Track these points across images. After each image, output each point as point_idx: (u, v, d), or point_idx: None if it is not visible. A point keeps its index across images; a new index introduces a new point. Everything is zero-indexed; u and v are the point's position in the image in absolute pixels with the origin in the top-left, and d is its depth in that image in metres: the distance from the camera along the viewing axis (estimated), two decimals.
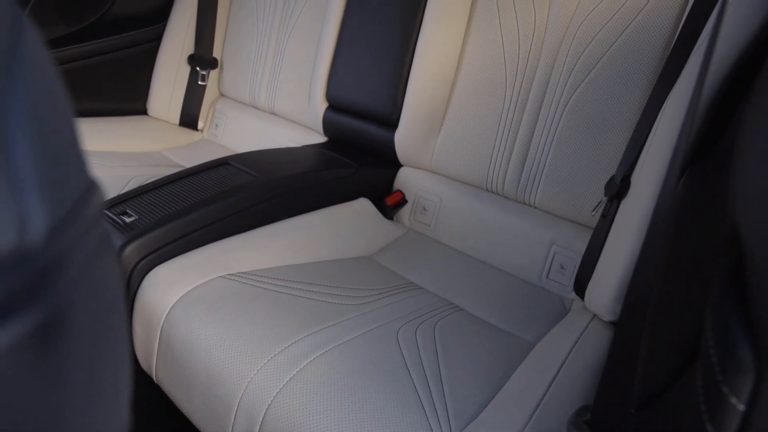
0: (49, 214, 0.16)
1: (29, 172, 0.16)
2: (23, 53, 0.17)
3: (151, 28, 1.74)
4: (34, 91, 0.17)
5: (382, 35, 1.29)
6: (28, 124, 0.16)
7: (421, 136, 1.27)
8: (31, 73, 0.17)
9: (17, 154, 0.16)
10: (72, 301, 0.17)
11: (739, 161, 0.29)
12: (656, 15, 1.01)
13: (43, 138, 0.17)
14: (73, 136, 0.19)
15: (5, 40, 0.16)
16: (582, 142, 1.09)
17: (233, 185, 1.07)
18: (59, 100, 0.19)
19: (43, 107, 0.17)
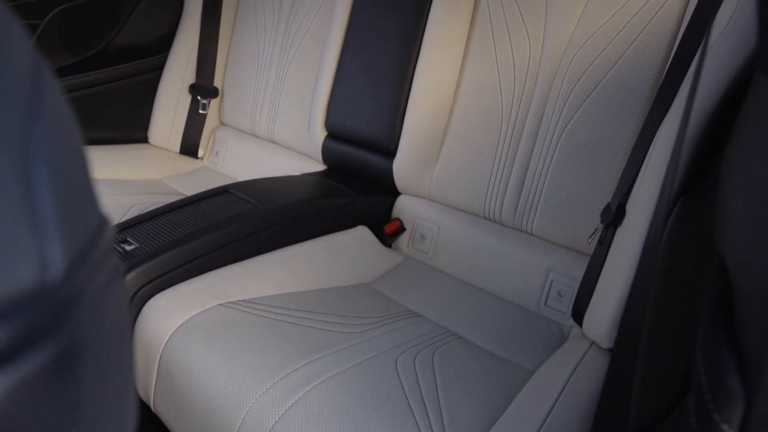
0: (67, 251, 0.17)
1: (49, 213, 0.17)
2: (44, 97, 0.18)
3: (154, 57, 1.77)
4: (53, 133, 0.18)
5: (380, 65, 1.31)
6: (48, 165, 0.17)
7: (419, 164, 1.28)
8: (51, 116, 0.18)
9: (39, 195, 0.16)
10: (85, 333, 0.18)
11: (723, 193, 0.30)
12: (647, 47, 1.03)
13: (62, 178, 0.18)
14: (87, 174, 0.20)
15: (28, 85, 0.17)
16: (578, 170, 1.10)
17: (233, 213, 1.08)
18: (75, 139, 0.20)
19: (62, 148, 0.18)
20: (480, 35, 1.22)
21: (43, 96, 0.18)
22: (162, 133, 1.78)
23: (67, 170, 0.18)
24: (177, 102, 1.77)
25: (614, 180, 1.06)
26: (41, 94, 0.18)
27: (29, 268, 0.16)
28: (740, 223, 0.28)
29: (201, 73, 1.75)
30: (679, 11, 1.00)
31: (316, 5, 1.52)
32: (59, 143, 0.18)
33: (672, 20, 1.01)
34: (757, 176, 0.27)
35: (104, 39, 1.71)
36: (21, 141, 0.16)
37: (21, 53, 0.18)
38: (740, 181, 0.28)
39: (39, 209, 0.16)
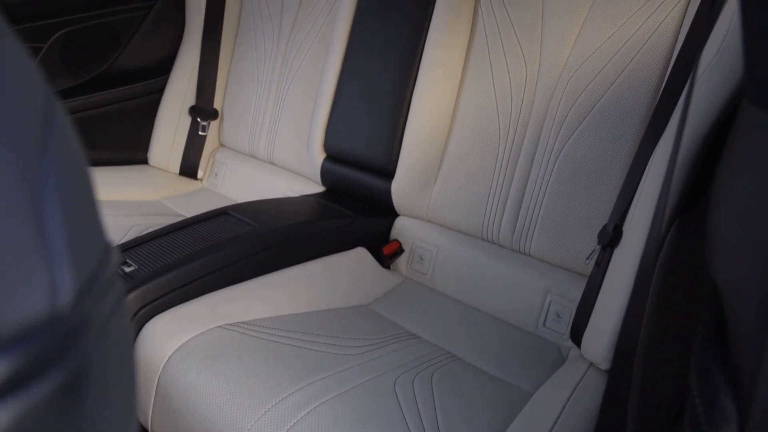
0: (76, 280, 0.18)
1: (60, 242, 0.17)
2: (54, 130, 0.19)
3: (155, 80, 1.79)
4: (63, 164, 0.19)
5: (379, 87, 1.33)
6: (59, 196, 0.18)
7: (417, 185, 1.29)
8: (61, 148, 0.19)
9: (50, 226, 0.17)
10: (91, 360, 0.18)
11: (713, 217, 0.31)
12: (642, 70, 1.05)
13: (72, 209, 0.18)
14: (94, 202, 0.21)
15: (40, 118, 0.18)
16: (574, 191, 1.11)
17: (232, 235, 1.09)
18: (83, 169, 0.20)
19: (71, 179, 0.19)
20: (477, 57, 1.24)
21: (54, 129, 0.19)
22: (162, 155, 1.79)
23: (76, 200, 0.19)
24: (177, 123, 1.78)
25: (611, 201, 1.07)
26: (52, 127, 0.19)
27: (41, 296, 0.16)
28: (730, 247, 0.29)
29: (201, 95, 1.77)
30: (673, 35, 1.02)
31: (316, 27, 1.54)
32: (68, 174, 0.19)
33: (665, 44, 1.03)
34: (746, 201, 0.28)
35: (106, 61, 1.73)
36: (33, 173, 0.17)
37: (33, 88, 0.18)
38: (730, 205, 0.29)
39: (50, 239, 0.17)
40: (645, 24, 1.04)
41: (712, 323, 0.33)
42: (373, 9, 1.36)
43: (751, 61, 0.28)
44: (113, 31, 1.73)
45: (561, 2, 1.13)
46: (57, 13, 1.61)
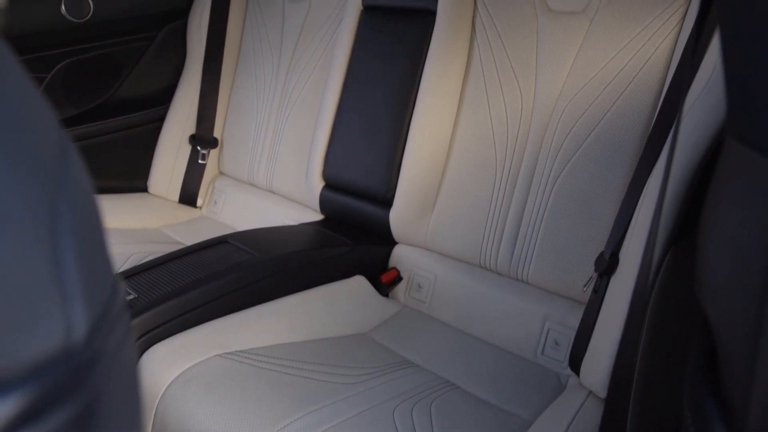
0: (89, 315, 0.18)
1: (74, 280, 0.18)
2: (69, 172, 0.20)
3: (156, 109, 1.81)
4: (77, 205, 0.20)
5: (377, 116, 1.35)
6: (73, 235, 0.19)
7: (415, 214, 1.30)
8: (75, 188, 0.20)
9: (65, 264, 0.18)
10: (101, 392, 0.19)
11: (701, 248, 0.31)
12: (634, 100, 1.07)
13: (84, 247, 0.19)
14: (104, 239, 0.22)
15: (55, 160, 0.19)
16: (571, 219, 1.12)
17: (231, 263, 1.09)
18: (94, 208, 0.21)
19: (84, 218, 0.20)
20: (473, 86, 1.26)
21: (68, 171, 0.20)
22: (161, 183, 1.81)
23: (89, 238, 0.20)
24: (177, 152, 1.80)
25: (607, 228, 1.08)
26: (66, 169, 0.20)
27: (56, 332, 0.17)
28: (718, 280, 0.29)
29: (201, 123, 1.79)
30: (664, 66, 1.04)
31: (315, 57, 1.57)
32: (82, 214, 0.20)
33: (657, 74, 1.05)
34: (731, 234, 0.29)
35: (107, 91, 1.76)
36: (49, 214, 0.18)
37: (49, 132, 0.19)
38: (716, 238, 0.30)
39: (65, 278, 0.18)
40: (636, 55, 1.07)
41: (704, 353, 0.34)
42: (371, 39, 1.39)
43: (732, 99, 0.29)
44: (115, 61, 1.76)
45: (554, 34, 1.16)
46: (60, 44, 1.64)
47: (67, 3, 1.60)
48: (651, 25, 1.06)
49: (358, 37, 1.41)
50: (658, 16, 1.05)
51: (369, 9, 1.41)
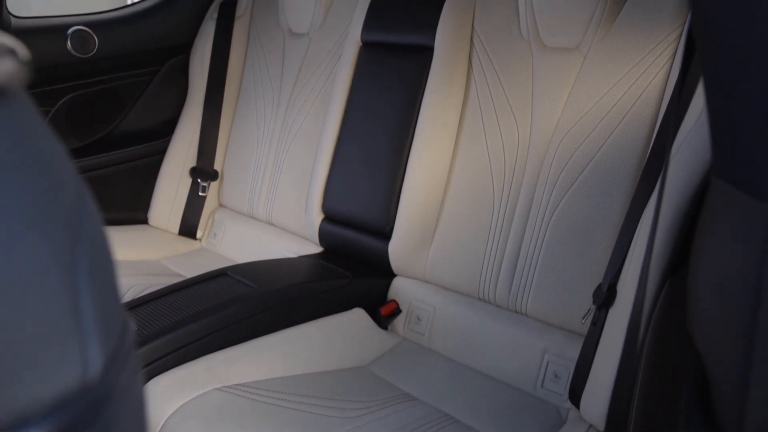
0: (103, 353, 0.19)
1: (90, 320, 0.19)
2: (86, 216, 0.21)
3: (157, 142, 1.83)
4: (93, 247, 0.21)
5: (376, 149, 1.36)
6: (90, 277, 0.20)
7: (414, 246, 1.31)
8: (91, 232, 0.21)
9: (82, 305, 0.19)
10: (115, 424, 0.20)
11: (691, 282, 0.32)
12: (629, 133, 1.09)
13: (100, 287, 0.20)
14: (115, 277, 0.23)
15: (75, 209, 0.20)
16: (569, 251, 1.13)
17: (231, 296, 1.10)
18: (108, 248, 0.22)
19: (99, 259, 0.21)
20: (470, 120, 1.29)
21: (85, 215, 0.21)
22: (162, 215, 1.82)
23: (103, 278, 0.21)
24: (178, 184, 1.81)
25: (604, 260, 1.09)
26: (83, 213, 0.21)
27: (74, 370, 0.18)
28: (708, 313, 0.30)
29: (202, 156, 1.81)
30: (657, 100, 1.06)
31: (316, 90, 1.59)
32: (97, 255, 0.21)
33: (651, 108, 1.07)
34: (720, 270, 0.29)
35: (110, 124, 1.78)
36: (68, 258, 0.19)
37: (68, 179, 0.20)
38: (705, 273, 0.31)
39: (82, 318, 0.19)
40: (630, 90, 1.09)
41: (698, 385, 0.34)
42: (370, 73, 1.42)
43: (717, 140, 0.31)
44: (118, 95, 1.79)
45: (549, 70, 1.18)
46: (65, 78, 1.67)
47: (72, 39, 1.64)
48: (643, 61, 1.08)
49: (357, 72, 1.44)
50: (650, 52, 1.07)
51: (367, 45, 1.44)
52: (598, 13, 1.11)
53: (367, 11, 1.44)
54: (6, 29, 1.54)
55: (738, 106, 0.29)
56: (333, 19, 1.56)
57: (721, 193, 0.30)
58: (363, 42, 1.44)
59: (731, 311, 0.28)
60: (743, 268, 0.28)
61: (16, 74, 0.19)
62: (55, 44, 1.62)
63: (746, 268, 0.27)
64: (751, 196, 0.28)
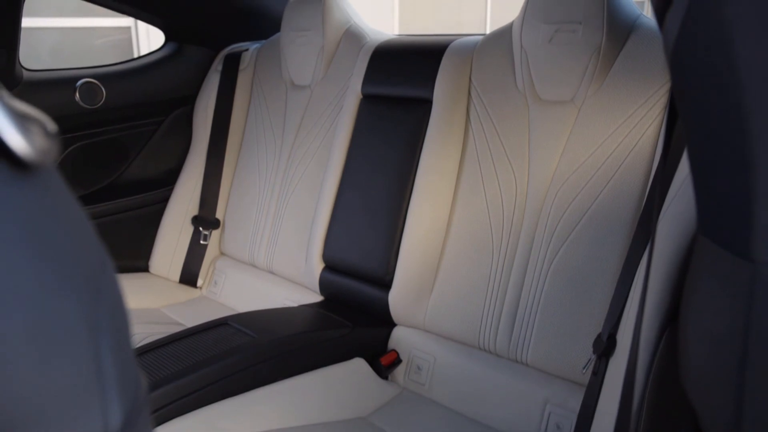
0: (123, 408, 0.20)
1: (111, 379, 0.20)
2: (107, 278, 0.22)
3: (160, 190, 1.86)
4: (112, 306, 0.22)
5: (376, 199, 1.38)
6: (110, 338, 0.21)
7: (414, 296, 1.32)
8: (112, 295, 0.22)
9: (104, 365, 0.20)
10: None
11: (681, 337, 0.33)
12: (625, 183, 1.11)
13: (119, 347, 0.21)
14: (130, 337, 0.24)
15: (97, 270, 0.21)
16: (568, 300, 1.13)
17: (231, 346, 1.09)
18: (125, 310, 0.24)
19: (118, 320, 0.22)
20: (469, 171, 1.31)
21: (107, 280, 0.22)
22: (163, 263, 1.83)
23: (121, 338, 0.22)
24: (179, 233, 1.83)
25: (604, 309, 1.09)
26: (105, 278, 0.22)
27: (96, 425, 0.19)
28: (699, 370, 0.31)
29: (204, 205, 1.83)
30: (651, 150, 1.09)
31: (317, 140, 1.62)
32: (117, 316, 0.22)
33: (645, 158, 1.09)
34: (708, 325, 0.30)
35: (114, 173, 1.81)
36: (92, 319, 0.20)
37: (91, 244, 0.22)
38: (695, 327, 0.32)
39: (104, 377, 0.20)
40: (624, 141, 1.12)
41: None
42: (370, 124, 1.45)
43: (701, 200, 0.32)
44: (123, 144, 1.83)
45: (545, 122, 1.21)
46: (73, 128, 1.71)
47: (81, 91, 1.68)
48: (636, 113, 1.11)
49: (358, 123, 1.48)
50: (642, 105, 1.10)
51: (368, 97, 1.48)
52: (591, 66, 1.15)
53: (367, 65, 1.48)
54: (18, 81, 1.58)
55: (718, 168, 0.30)
56: (334, 72, 1.60)
57: (707, 251, 0.32)
58: (363, 94, 1.48)
59: (721, 369, 0.29)
60: (730, 326, 0.29)
61: (48, 150, 0.21)
62: (65, 96, 1.66)
63: (733, 325, 0.28)
64: (734, 255, 0.29)
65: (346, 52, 1.58)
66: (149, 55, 1.91)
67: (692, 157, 0.33)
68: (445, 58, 1.35)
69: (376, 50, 1.50)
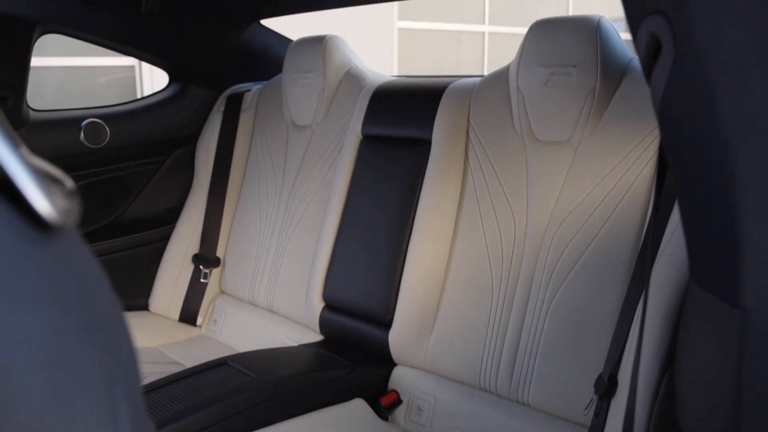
0: None
1: (126, 424, 0.21)
2: (122, 329, 0.23)
3: (161, 229, 1.87)
4: (126, 357, 0.23)
5: (376, 238, 1.39)
6: (124, 388, 0.22)
7: (414, 335, 1.31)
8: (126, 345, 0.23)
9: (119, 410, 0.21)
10: None
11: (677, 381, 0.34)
12: (622, 223, 1.12)
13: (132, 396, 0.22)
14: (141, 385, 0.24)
15: (115, 328, 0.22)
16: (569, 339, 1.13)
17: (230, 387, 1.09)
18: (137, 360, 0.25)
19: (131, 371, 0.23)
20: (468, 210, 1.32)
21: (121, 329, 0.23)
22: (162, 301, 1.82)
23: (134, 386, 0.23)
24: (180, 271, 1.83)
25: (605, 348, 1.09)
26: (121, 331, 0.23)
27: None
28: (694, 415, 0.31)
29: (205, 243, 1.84)
30: (647, 191, 1.10)
31: (318, 179, 1.64)
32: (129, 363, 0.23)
33: (641, 198, 1.11)
34: (702, 370, 0.31)
35: (116, 211, 1.82)
36: (110, 370, 0.21)
37: (110, 303, 0.23)
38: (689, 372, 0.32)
39: (120, 420, 0.21)
40: (621, 181, 1.13)
41: None
42: (370, 164, 1.47)
43: (692, 249, 0.33)
44: (125, 183, 1.84)
45: (543, 162, 1.23)
46: (76, 167, 1.73)
47: (86, 131, 1.71)
48: (631, 153, 1.13)
49: (358, 163, 1.50)
50: (637, 145, 1.12)
51: (368, 137, 1.50)
52: (587, 108, 1.17)
53: (367, 106, 1.51)
54: (25, 122, 1.61)
55: (706, 217, 0.31)
56: (335, 113, 1.63)
57: (700, 297, 0.32)
58: (363, 135, 1.51)
59: (716, 415, 0.29)
60: (724, 372, 0.29)
61: (70, 211, 0.22)
62: (70, 135, 1.68)
63: (726, 372, 0.29)
64: (725, 302, 0.30)
65: (347, 93, 1.61)
66: (153, 95, 1.95)
67: (682, 205, 0.34)
68: (443, 99, 1.38)
69: (376, 91, 1.53)
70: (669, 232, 0.83)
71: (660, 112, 0.36)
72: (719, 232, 0.30)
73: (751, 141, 0.29)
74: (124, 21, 1.66)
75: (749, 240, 0.30)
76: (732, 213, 0.29)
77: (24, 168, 0.21)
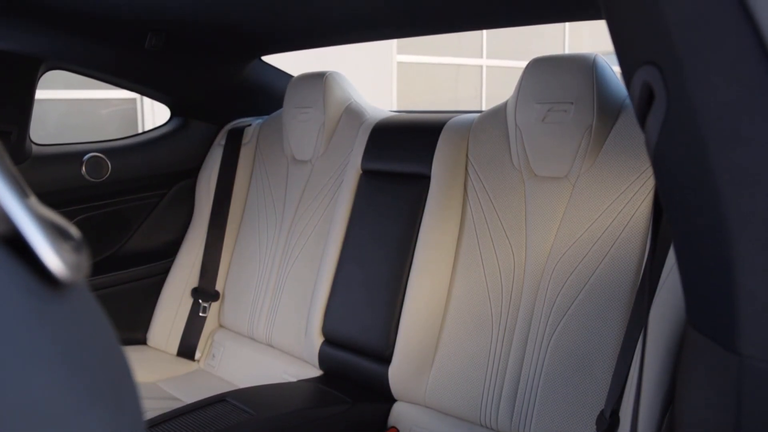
0: None
1: None
2: (129, 382, 0.23)
3: (160, 262, 1.86)
4: (132, 411, 0.23)
5: (376, 273, 1.40)
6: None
7: (414, 371, 1.30)
8: (132, 397, 0.23)
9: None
10: None
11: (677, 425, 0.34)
12: (620, 258, 1.12)
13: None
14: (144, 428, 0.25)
15: (122, 381, 0.23)
16: (569, 375, 1.13)
17: (229, 424, 1.08)
18: (142, 409, 0.25)
19: (136, 421, 0.23)
20: (467, 246, 1.33)
21: (128, 383, 0.23)
22: (161, 336, 1.81)
23: None
24: (179, 305, 1.82)
25: (606, 383, 1.08)
26: (127, 382, 0.23)
27: None
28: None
29: (204, 277, 1.83)
30: (645, 226, 1.11)
31: (318, 214, 1.64)
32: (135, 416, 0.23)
33: (639, 233, 1.11)
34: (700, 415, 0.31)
35: (115, 245, 1.82)
36: (115, 423, 0.21)
37: (118, 356, 0.23)
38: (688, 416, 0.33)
39: None
40: (619, 217, 1.14)
41: None
42: (370, 198, 1.48)
43: (689, 294, 0.33)
44: (125, 217, 1.85)
45: (541, 197, 1.24)
46: (77, 201, 1.73)
47: (87, 165, 1.72)
48: (629, 189, 1.14)
49: (358, 198, 1.51)
50: (634, 181, 1.14)
51: (367, 172, 1.52)
52: (584, 144, 1.19)
53: (366, 141, 1.53)
54: (27, 156, 1.62)
55: (701, 264, 0.32)
56: (334, 148, 1.65)
57: (697, 342, 0.33)
58: (363, 170, 1.52)
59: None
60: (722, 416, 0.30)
61: (80, 267, 0.22)
62: (72, 169, 1.70)
63: (725, 416, 0.29)
64: (721, 347, 0.31)
65: (347, 128, 1.63)
66: (154, 129, 1.97)
67: (677, 251, 0.34)
68: (442, 135, 1.39)
69: (375, 127, 1.55)
70: (669, 266, 0.84)
71: (654, 159, 0.37)
72: (714, 279, 0.31)
73: (743, 191, 0.30)
74: (128, 58, 1.69)
75: (744, 287, 0.31)
76: (726, 261, 0.30)
77: (34, 222, 0.21)
